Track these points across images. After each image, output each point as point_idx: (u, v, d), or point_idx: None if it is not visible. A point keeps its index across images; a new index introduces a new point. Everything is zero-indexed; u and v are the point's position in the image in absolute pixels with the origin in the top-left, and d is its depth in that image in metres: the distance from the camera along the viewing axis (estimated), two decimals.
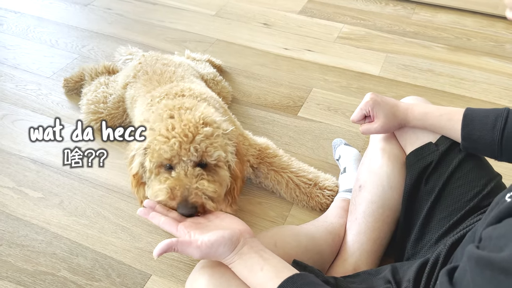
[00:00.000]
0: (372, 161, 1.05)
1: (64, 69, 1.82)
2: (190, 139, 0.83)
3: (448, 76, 1.79)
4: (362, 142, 1.46)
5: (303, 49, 1.95)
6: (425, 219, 0.94)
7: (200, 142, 0.83)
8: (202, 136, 0.83)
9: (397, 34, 2.06)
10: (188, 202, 0.81)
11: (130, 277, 1.09)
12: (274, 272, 0.71)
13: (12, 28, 2.09)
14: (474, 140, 0.88)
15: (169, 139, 0.82)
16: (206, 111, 0.91)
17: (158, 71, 1.32)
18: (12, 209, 1.26)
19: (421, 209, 0.95)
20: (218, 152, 0.85)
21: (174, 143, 0.82)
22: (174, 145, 0.82)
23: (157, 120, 0.88)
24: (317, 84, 1.74)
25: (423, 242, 0.94)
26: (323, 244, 1.00)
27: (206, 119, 0.88)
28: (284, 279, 0.68)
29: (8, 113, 1.60)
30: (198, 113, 0.88)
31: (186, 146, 0.82)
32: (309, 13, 2.22)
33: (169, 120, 0.86)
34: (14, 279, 1.09)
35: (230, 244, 0.73)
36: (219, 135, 0.87)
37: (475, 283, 0.48)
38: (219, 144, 0.85)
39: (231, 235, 0.73)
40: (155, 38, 2.02)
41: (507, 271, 0.44)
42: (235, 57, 1.89)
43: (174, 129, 0.84)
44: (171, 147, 0.82)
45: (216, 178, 0.86)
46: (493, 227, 0.50)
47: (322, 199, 1.22)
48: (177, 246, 0.72)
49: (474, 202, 0.89)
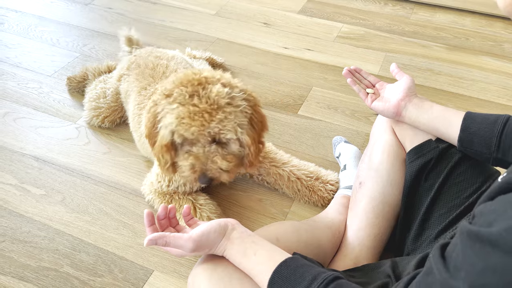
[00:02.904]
0: (372, 158, 1.06)
1: (66, 67, 1.83)
2: (206, 126, 0.95)
3: (447, 75, 1.81)
4: (362, 140, 1.47)
5: (303, 48, 1.96)
6: (425, 215, 0.95)
7: (214, 127, 0.96)
8: (216, 123, 0.95)
9: (396, 33, 2.08)
10: (206, 176, 1.00)
11: (132, 273, 1.10)
12: (268, 256, 0.74)
13: (13, 27, 2.09)
14: (472, 132, 0.88)
15: (191, 125, 0.95)
16: (225, 79, 1.02)
17: (150, 64, 1.35)
18: (15, 206, 1.26)
19: (421, 205, 0.97)
20: (229, 134, 0.97)
21: (194, 131, 0.95)
22: (194, 132, 0.96)
23: (179, 97, 0.97)
24: (317, 82, 1.75)
25: (422, 237, 0.95)
26: (323, 240, 1.01)
27: (225, 83, 1.00)
28: (279, 263, 0.72)
29: (10, 111, 1.61)
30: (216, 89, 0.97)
31: (203, 132, 0.96)
32: (308, 13, 2.23)
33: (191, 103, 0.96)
34: (17, 274, 1.10)
35: (219, 229, 0.77)
36: (232, 113, 0.97)
37: (465, 254, 0.50)
38: (231, 125, 0.97)
39: (218, 221, 0.79)
40: (156, 37, 2.03)
41: (494, 245, 0.46)
42: (236, 56, 1.90)
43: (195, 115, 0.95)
44: (192, 133, 0.96)
45: (230, 152, 1.01)
46: (485, 204, 0.52)
47: (324, 193, 1.23)
48: (170, 238, 0.76)
49: (473, 198, 0.90)
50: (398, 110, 0.98)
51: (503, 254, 0.45)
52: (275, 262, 0.72)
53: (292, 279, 0.70)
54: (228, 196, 1.30)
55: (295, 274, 0.70)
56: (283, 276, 0.71)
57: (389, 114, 1.00)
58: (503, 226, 0.46)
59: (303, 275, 0.69)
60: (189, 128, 0.95)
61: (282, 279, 0.70)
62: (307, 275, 0.69)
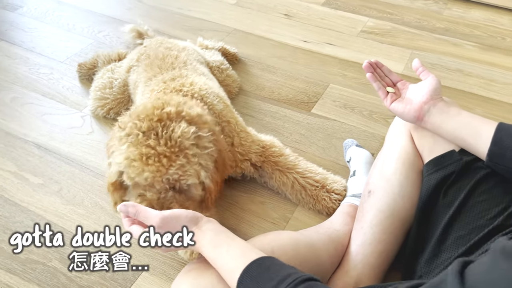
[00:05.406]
0: (385, 166, 0.96)
1: (78, 54, 1.80)
2: (163, 172, 0.83)
3: (477, 77, 1.67)
4: (377, 144, 1.37)
5: (323, 42, 1.86)
6: (442, 236, 0.83)
7: (173, 174, 0.84)
8: (176, 168, 0.84)
9: (426, 30, 1.94)
10: None
11: (121, 272, 1.05)
12: (241, 253, 0.69)
13: (32, 11, 2.08)
14: (505, 146, 0.76)
15: (143, 170, 0.83)
16: (191, 114, 0.91)
17: (160, 55, 1.28)
18: (11, 194, 1.24)
19: (438, 224, 0.85)
20: (191, 179, 0.86)
21: (147, 177, 0.84)
22: (147, 178, 0.84)
23: (131, 135, 0.87)
24: (334, 79, 1.65)
25: (438, 260, 0.83)
26: (323, 256, 0.92)
27: (191, 119, 0.89)
28: (251, 261, 0.66)
29: (18, 96, 1.58)
30: (179, 129, 0.86)
31: (159, 178, 0.84)
32: (333, 5, 2.12)
33: (144, 144, 0.84)
34: (5, 266, 1.07)
35: (192, 216, 0.74)
36: (196, 155, 0.86)
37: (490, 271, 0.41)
38: (194, 169, 0.86)
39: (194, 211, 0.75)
40: (172, 26, 1.98)
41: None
42: (252, 48, 1.82)
43: (149, 159, 0.83)
44: (145, 179, 0.84)
45: (189, 197, 0.89)
46: None
47: (329, 203, 1.15)
48: (140, 208, 0.74)
49: (499, 220, 0.77)
50: (420, 114, 0.87)
51: None
52: (247, 260, 0.66)
53: (261, 279, 0.63)
54: (229, 197, 1.22)
55: (265, 273, 0.64)
56: (252, 275, 0.64)
57: (409, 118, 0.89)
58: None
59: (273, 275, 0.63)
60: (141, 172, 0.83)
61: (251, 278, 0.64)
62: (278, 275, 0.63)
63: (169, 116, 0.87)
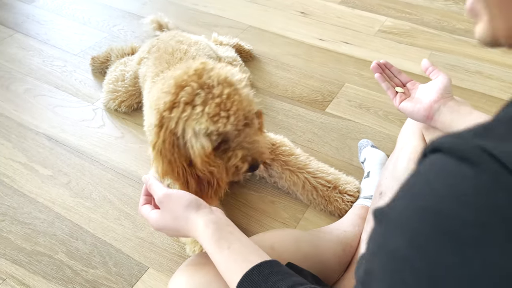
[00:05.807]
0: (397, 166, 0.93)
1: (92, 47, 1.80)
2: (241, 109, 0.88)
3: (498, 79, 1.61)
4: (392, 145, 1.32)
5: (339, 41, 1.82)
6: None
7: (245, 107, 0.89)
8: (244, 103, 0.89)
9: (446, 30, 1.89)
10: (257, 161, 0.95)
11: (126, 268, 1.03)
12: (242, 254, 0.65)
13: (48, 4, 2.09)
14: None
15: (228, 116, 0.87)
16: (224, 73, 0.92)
17: (170, 49, 1.26)
18: (21, 185, 1.23)
19: None
20: (254, 108, 0.93)
21: (232, 122, 0.87)
22: (232, 123, 0.87)
23: (194, 96, 0.87)
24: (350, 79, 1.61)
25: None
26: (328, 254, 0.89)
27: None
28: (252, 266, 0.62)
29: (31, 87, 1.58)
30: (223, 71, 0.91)
31: (241, 117, 0.88)
32: (350, 4, 2.08)
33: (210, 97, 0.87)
34: (11, 257, 1.06)
35: (194, 201, 0.72)
36: (244, 87, 0.92)
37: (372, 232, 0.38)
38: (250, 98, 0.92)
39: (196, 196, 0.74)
40: (187, 22, 1.96)
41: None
42: (267, 46, 1.79)
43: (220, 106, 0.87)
44: (231, 124, 0.87)
45: (255, 129, 0.96)
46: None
47: (341, 205, 1.11)
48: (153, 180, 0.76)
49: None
50: (430, 113, 0.84)
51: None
52: (249, 263, 0.62)
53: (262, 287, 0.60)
54: (239, 195, 1.20)
55: (266, 281, 0.60)
56: (253, 281, 0.61)
57: (419, 117, 0.86)
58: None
59: (275, 284, 0.60)
60: (227, 122, 0.86)
61: (252, 284, 0.61)
62: (279, 285, 0.59)
63: (204, 68, 0.90)
